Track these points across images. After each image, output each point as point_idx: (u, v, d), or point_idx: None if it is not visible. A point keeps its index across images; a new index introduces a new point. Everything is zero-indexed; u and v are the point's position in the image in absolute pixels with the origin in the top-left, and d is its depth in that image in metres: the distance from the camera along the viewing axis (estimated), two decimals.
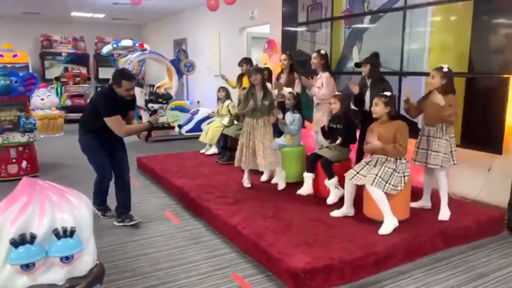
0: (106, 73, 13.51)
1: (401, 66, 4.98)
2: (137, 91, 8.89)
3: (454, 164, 3.71)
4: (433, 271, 3.12)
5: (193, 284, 2.94)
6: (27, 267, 1.87)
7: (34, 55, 12.80)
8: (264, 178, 4.91)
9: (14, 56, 12.01)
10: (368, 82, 4.34)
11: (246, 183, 4.68)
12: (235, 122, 6.06)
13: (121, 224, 3.97)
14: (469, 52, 4.28)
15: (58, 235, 1.93)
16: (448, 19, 4.54)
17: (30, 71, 10.99)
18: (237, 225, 3.55)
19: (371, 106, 3.72)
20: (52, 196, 2.00)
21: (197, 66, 9.57)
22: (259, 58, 7.29)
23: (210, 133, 6.40)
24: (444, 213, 3.70)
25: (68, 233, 1.95)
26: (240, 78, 6.46)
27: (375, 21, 5.35)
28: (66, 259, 1.95)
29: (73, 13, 11.99)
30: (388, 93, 3.66)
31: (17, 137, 5.63)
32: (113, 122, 3.64)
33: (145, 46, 9.45)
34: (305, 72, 5.54)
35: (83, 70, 13.35)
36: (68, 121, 10.70)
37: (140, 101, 8.90)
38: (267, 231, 3.40)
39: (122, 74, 3.68)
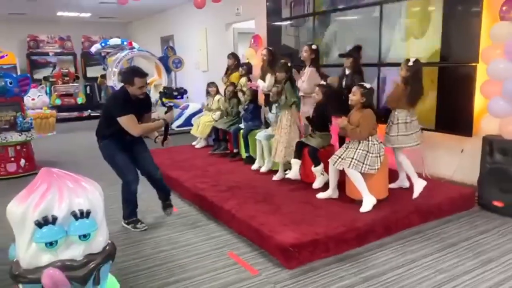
0: (94, 71, 13.69)
1: (379, 57, 5.29)
2: None
3: (416, 145, 4.02)
4: (409, 243, 3.46)
5: (193, 262, 3.24)
6: (50, 244, 2.13)
7: (21, 56, 12.85)
8: (264, 169, 5.14)
9: (2, 57, 12.07)
10: (347, 72, 4.64)
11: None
12: (224, 116, 6.35)
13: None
14: (440, 43, 4.62)
15: (76, 217, 2.19)
16: (421, 13, 4.85)
17: (18, 72, 11.09)
18: (231, 209, 3.85)
19: (348, 94, 4.01)
20: (68, 183, 2.26)
21: (185, 63, 9.79)
22: (246, 53, 7.54)
23: (201, 127, 6.68)
24: (416, 188, 4.00)
25: (85, 215, 2.21)
26: (227, 72, 6.73)
27: (354, 14, 5.65)
28: (84, 237, 2.21)
29: (59, 13, 12.06)
30: (367, 85, 3.97)
31: (15, 137, 5.85)
32: (127, 121, 3.57)
33: (134, 44, 9.61)
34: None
35: (71, 69, 13.50)
36: (59, 120, 10.87)
37: None
38: (258, 213, 3.71)
39: (133, 72, 3.65)
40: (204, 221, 4.09)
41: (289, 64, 4.95)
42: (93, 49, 10.16)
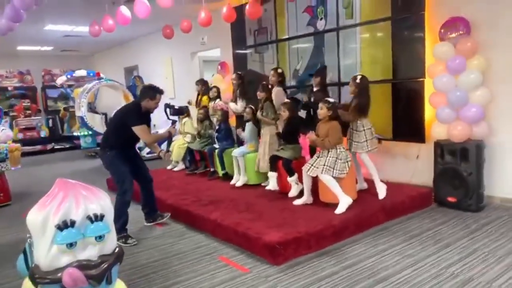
0: (56, 104, 13.66)
1: (338, 77, 5.86)
2: (97, 118, 9.26)
3: (368, 151, 4.52)
4: (379, 237, 3.89)
5: (186, 267, 3.49)
6: (71, 245, 2.36)
7: None
8: (239, 183, 5.48)
9: None
10: (315, 89, 5.16)
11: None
12: (197, 138, 6.67)
13: (153, 223, 4.55)
14: (392, 63, 5.24)
15: (91, 220, 2.44)
16: (373, 37, 5.49)
17: None
18: (216, 219, 4.15)
19: (316, 109, 4.49)
20: (82, 191, 2.51)
21: None
22: (214, 79, 7.96)
23: (176, 151, 6.93)
24: (381, 191, 4.50)
25: (99, 218, 2.47)
26: (197, 98, 7.10)
27: (315, 40, 6.24)
28: (99, 238, 2.46)
29: (19, 47, 12.06)
30: (331, 100, 4.47)
31: None
32: (141, 131, 4.03)
33: (102, 75, 9.81)
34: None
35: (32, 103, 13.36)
36: (22, 154, 10.72)
37: (99, 127, 9.25)
38: (243, 220, 4.02)
39: (155, 89, 4.14)
40: (190, 233, 4.34)
41: (268, 86, 5.41)
42: (59, 81, 10.24)
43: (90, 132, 9.76)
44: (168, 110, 4.78)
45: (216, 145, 6.12)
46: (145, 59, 11.57)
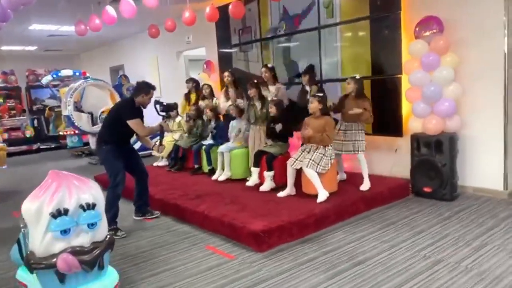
0: (40, 104, 13.61)
1: (320, 75, 6.06)
2: (83, 117, 9.32)
3: (363, 151, 4.78)
4: (358, 225, 4.10)
5: (175, 256, 3.65)
6: (65, 232, 2.50)
7: None
8: (222, 177, 5.63)
9: None
10: (307, 87, 5.34)
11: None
12: (185, 136, 6.80)
13: (142, 217, 4.69)
14: (371, 60, 5.46)
15: (83, 209, 2.58)
16: (353, 35, 5.70)
17: None
18: (204, 211, 4.31)
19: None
20: (74, 181, 2.64)
21: None
22: (201, 77, 8.09)
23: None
24: (366, 185, 4.73)
25: (91, 207, 2.61)
26: (187, 95, 7.23)
27: (297, 39, 6.43)
28: (92, 225, 2.60)
29: (3, 47, 12.00)
30: (320, 94, 4.67)
31: None
32: (136, 124, 4.24)
33: (87, 74, 9.86)
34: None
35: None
36: (8, 155, 10.68)
37: (86, 126, 9.31)
38: (229, 212, 4.19)
39: (149, 85, 4.37)
40: (178, 225, 4.49)
41: (257, 83, 5.55)
42: (44, 80, 10.28)
43: (76, 131, 9.80)
44: (157, 106, 4.98)
45: (205, 142, 6.26)
46: (131, 59, 11.63)
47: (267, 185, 4.88)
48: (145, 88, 4.33)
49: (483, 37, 4.55)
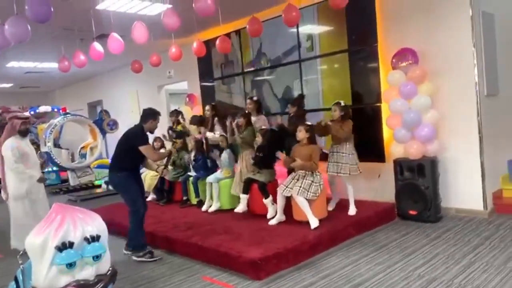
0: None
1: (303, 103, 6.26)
2: (63, 152, 9.19)
3: (360, 172, 4.94)
4: (351, 249, 4.19)
5: None
6: (70, 266, 2.48)
7: None
8: (212, 208, 5.65)
9: None
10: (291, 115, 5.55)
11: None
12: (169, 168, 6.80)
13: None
14: (350, 90, 5.72)
15: (88, 241, 2.58)
16: (332, 67, 5.98)
17: None
18: (197, 242, 4.31)
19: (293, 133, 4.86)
20: (78, 214, 2.66)
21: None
22: (183, 110, 8.19)
23: (148, 182, 6.99)
24: (353, 210, 4.87)
25: (96, 239, 2.61)
26: (172, 128, 7.28)
27: (275, 72, 6.68)
28: (97, 258, 2.59)
29: None
30: (309, 123, 4.84)
31: None
32: (148, 149, 4.43)
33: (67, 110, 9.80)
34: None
35: None
36: None
37: (66, 162, 9.17)
38: (223, 241, 4.21)
39: (155, 111, 4.61)
40: (171, 258, 4.45)
41: (248, 113, 5.73)
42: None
43: (55, 168, 9.63)
44: (170, 132, 5.58)
45: (191, 173, 6.29)
46: (110, 94, 11.65)
47: (271, 211, 4.90)
48: (153, 114, 4.55)
49: (455, 66, 4.88)
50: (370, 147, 5.57)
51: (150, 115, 4.55)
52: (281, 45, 6.55)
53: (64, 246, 2.50)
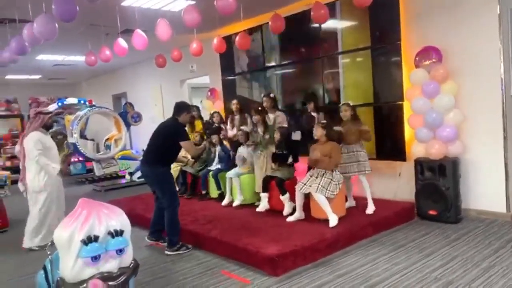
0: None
1: (323, 100, 6.27)
2: (88, 143, 9.44)
3: (370, 170, 4.92)
4: (369, 248, 4.21)
5: (191, 281, 3.73)
6: (95, 258, 2.60)
7: None
8: (236, 203, 5.74)
9: None
10: (313, 114, 5.55)
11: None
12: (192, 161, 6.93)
13: (154, 241, 4.70)
14: (372, 88, 5.68)
15: (112, 235, 2.69)
16: (355, 64, 5.94)
17: None
18: (216, 236, 4.40)
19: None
20: (103, 209, 2.77)
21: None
22: (204, 104, 8.30)
23: None
24: (371, 208, 4.87)
25: (119, 233, 2.72)
26: (191, 123, 7.39)
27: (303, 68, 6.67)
28: (120, 251, 2.70)
29: (8, 76, 12.23)
30: (324, 121, 4.86)
31: None
32: (189, 145, 4.55)
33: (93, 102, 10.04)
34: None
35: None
36: (11, 182, 10.71)
37: (91, 153, 9.43)
38: (241, 237, 4.29)
39: (188, 104, 4.79)
40: (191, 251, 4.56)
41: (263, 109, 5.74)
42: (50, 108, 10.40)
43: (81, 158, 9.92)
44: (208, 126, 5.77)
45: (211, 167, 6.40)
46: (134, 86, 11.86)
47: (288, 208, 4.97)
48: (186, 107, 4.63)
49: (480, 65, 4.78)
50: (391, 145, 5.54)
51: (184, 108, 4.58)
52: (301, 41, 6.52)
53: (89, 240, 2.61)
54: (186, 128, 7.48)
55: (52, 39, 4.14)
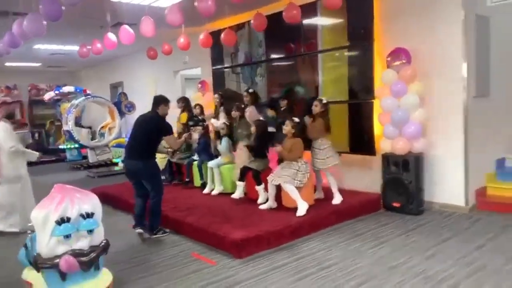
0: (42, 118, 14.17)
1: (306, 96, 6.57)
2: (84, 132, 9.79)
3: (328, 167, 5.22)
4: (329, 235, 4.55)
5: (164, 261, 4.09)
6: (67, 237, 2.95)
7: None
8: (215, 192, 6.10)
9: None
10: (282, 109, 5.86)
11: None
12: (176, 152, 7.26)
13: (138, 228, 4.83)
14: (347, 86, 5.97)
15: (83, 217, 3.04)
16: (331, 64, 6.22)
17: None
18: (192, 222, 4.75)
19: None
20: (77, 194, 3.11)
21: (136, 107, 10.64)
22: (194, 96, 8.59)
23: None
24: (338, 199, 5.20)
25: (90, 215, 3.07)
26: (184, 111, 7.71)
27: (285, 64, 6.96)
28: (90, 232, 3.06)
29: (7, 63, 12.54)
30: (296, 120, 5.14)
31: None
32: (172, 139, 4.78)
33: (88, 91, 10.36)
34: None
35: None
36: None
37: (85, 140, 9.78)
38: (214, 223, 4.63)
39: (165, 97, 4.81)
40: (167, 235, 4.91)
41: (242, 106, 6.11)
42: (46, 96, 10.76)
43: (76, 145, 10.27)
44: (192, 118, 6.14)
45: (195, 157, 6.73)
46: (130, 76, 12.17)
47: (262, 198, 5.29)
48: (164, 99, 4.77)
49: (445, 67, 5.07)
50: (362, 141, 5.84)
51: (161, 100, 4.74)
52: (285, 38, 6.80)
53: (62, 221, 2.96)
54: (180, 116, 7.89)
55: (41, 36, 4.44)
